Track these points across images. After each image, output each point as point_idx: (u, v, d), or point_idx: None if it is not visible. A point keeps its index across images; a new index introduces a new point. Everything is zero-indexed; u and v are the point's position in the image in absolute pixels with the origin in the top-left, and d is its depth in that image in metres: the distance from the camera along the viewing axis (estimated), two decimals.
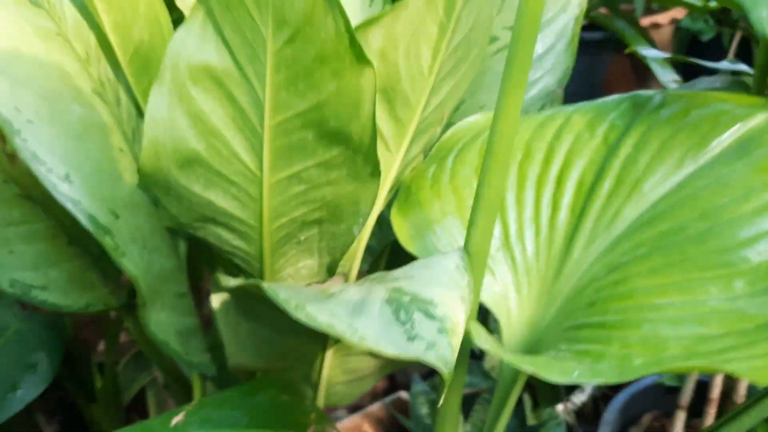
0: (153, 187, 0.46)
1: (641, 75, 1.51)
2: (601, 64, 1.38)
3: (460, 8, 0.49)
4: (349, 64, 0.38)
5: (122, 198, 0.47)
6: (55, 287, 0.52)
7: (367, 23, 0.43)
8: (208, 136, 0.44)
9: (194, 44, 0.41)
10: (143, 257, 0.48)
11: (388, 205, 0.61)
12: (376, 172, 0.46)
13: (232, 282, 0.47)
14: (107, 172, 0.47)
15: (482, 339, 0.44)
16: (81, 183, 0.45)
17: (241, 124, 0.43)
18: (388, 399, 1.01)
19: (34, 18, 0.44)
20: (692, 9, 0.81)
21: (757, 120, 0.52)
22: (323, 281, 0.56)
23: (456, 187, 0.58)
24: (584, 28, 1.37)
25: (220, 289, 0.51)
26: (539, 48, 0.67)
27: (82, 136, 0.45)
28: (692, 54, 1.71)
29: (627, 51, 0.80)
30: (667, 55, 0.76)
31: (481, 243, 0.47)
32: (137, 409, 0.86)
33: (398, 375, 1.11)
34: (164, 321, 0.50)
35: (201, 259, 0.62)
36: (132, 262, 0.46)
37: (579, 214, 0.54)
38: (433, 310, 0.41)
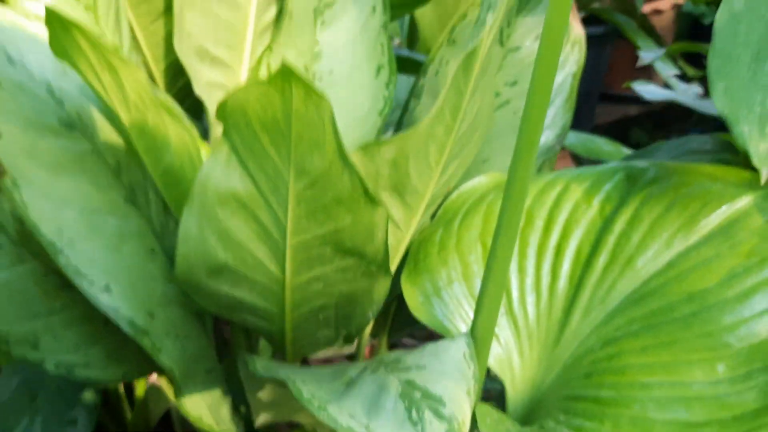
0: (185, 288, 0.50)
1: (642, 69, 1.53)
2: (603, 59, 1.40)
3: (465, 106, 0.52)
4: (363, 205, 0.42)
5: (157, 297, 0.51)
6: (96, 364, 0.56)
7: (381, 143, 0.46)
8: (235, 249, 0.48)
9: (221, 174, 0.45)
10: (177, 347, 0.52)
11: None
12: (389, 274, 0.50)
13: (262, 371, 0.51)
14: (142, 275, 0.51)
15: (487, 427, 0.49)
16: (120, 291, 0.49)
17: (265, 238, 0.47)
18: None
19: (69, 144, 0.48)
20: None
21: (742, 202, 0.55)
22: (341, 347, 0.61)
23: (462, 253, 0.62)
24: (585, 22, 1.39)
25: (248, 365, 0.55)
26: None
27: (118, 246, 0.49)
28: (694, 38, 1.72)
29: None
30: (662, 51, 0.79)
31: (487, 329, 0.51)
32: (164, 429, 0.92)
33: None
34: (197, 398, 0.55)
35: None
36: (168, 356, 0.51)
37: (577, 285, 0.58)
38: (442, 410, 0.45)
